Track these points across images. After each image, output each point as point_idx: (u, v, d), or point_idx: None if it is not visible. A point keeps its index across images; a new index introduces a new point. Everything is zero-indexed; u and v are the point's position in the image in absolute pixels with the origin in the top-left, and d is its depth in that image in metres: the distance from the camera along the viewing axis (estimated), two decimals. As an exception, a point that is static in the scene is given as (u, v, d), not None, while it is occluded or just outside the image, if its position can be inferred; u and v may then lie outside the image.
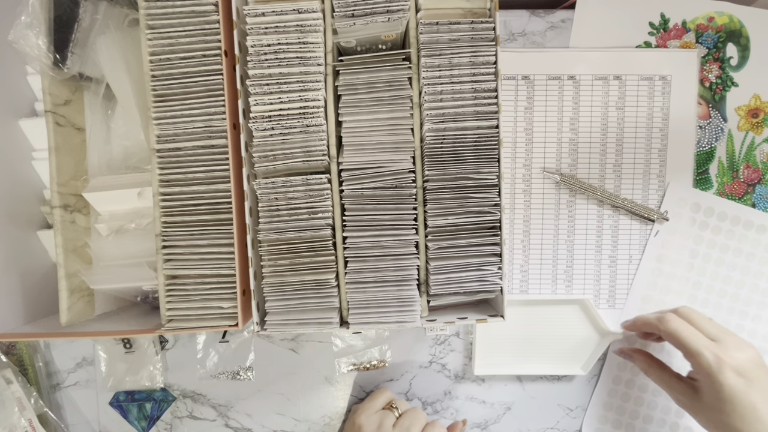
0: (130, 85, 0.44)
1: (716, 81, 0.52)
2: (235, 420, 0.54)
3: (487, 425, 0.55)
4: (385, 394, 0.49)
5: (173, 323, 0.41)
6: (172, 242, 0.41)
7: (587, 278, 0.54)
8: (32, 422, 0.50)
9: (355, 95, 0.40)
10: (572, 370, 0.53)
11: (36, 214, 0.49)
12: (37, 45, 0.43)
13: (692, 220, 0.53)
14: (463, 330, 0.54)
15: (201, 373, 0.54)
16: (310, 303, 0.41)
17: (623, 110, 0.53)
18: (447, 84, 0.40)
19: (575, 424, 0.55)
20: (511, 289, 0.54)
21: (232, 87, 0.40)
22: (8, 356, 0.52)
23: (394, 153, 0.40)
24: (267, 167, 0.40)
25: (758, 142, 0.53)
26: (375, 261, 0.40)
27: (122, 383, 0.53)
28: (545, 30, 0.53)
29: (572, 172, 0.53)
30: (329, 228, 0.41)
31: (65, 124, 0.46)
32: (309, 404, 0.54)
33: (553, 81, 0.52)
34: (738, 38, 0.52)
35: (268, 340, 0.54)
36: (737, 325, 0.53)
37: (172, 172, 0.41)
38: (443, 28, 0.40)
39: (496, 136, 0.40)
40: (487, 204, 0.40)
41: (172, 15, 0.40)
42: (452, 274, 0.41)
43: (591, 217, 0.53)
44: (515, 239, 0.54)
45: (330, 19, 0.40)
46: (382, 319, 0.41)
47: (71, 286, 0.45)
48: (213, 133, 0.40)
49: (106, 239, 0.47)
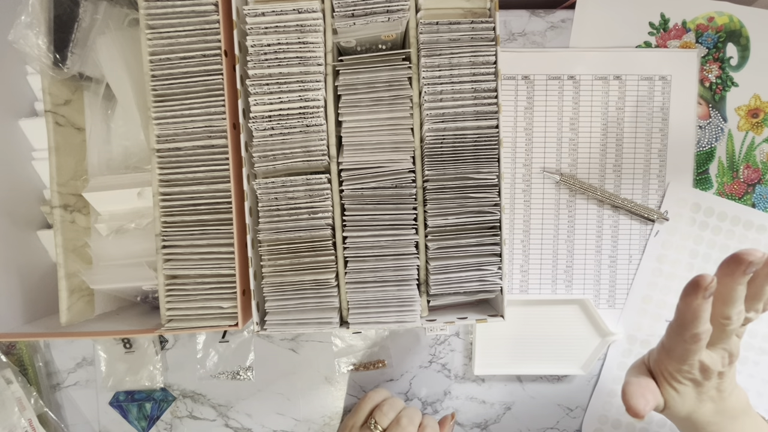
0: (130, 85, 0.44)
1: (716, 81, 0.52)
2: (235, 420, 0.54)
3: (487, 425, 0.55)
4: (366, 404, 0.47)
5: (173, 323, 0.41)
6: (172, 242, 0.41)
7: (587, 278, 0.54)
8: (32, 422, 0.50)
9: (354, 95, 0.40)
10: (572, 370, 0.53)
11: (36, 214, 0.49)
12: (37, 45, 0.43)
13: (692, 220, 0.53)
14: (463, 330, 0.54)
15: (201, 373, 0.54)
16: (309, 303, 0.41)
17: (623, 110, 0.53)
18: (447, 84, 0.40)
19: (575, 424, 0.55)
20: (511, 289, 0.54)
21: (232, 87, 0.40)
22: (8, 356, 0.52)
23: (394, 153, 0.40)
24: (267, 167, 0.40)
25: (758, 142, 0.53)
26: (375, 261, 0.40)
27: (122, 383, 0.53)
28: (545, 30, 0.53)
29: (572, 172, 0.53)
30: (329, 228, 0.41)
31: (65, 124, 0.46)
32: (309, 404, 0.54)
33: (553, 81, 0.52)
34: (738, 38, 0.52)
35: (268, 340, 0.54)
36: (737, 325, 0.53)
37: (172, 172, 0.41)
38: (443, 28, 0.40)
39: (496, 136, 0.40)
40: (487, 204, 0.40)
41: (172, 15, 0.40)
42: (452, 274, 0.41)
43: (591, 217, 0.53)
44: (515, 239, 0.54)
45: (330, 19, 0.40)
46: (382, 319, 0.41)
47: (71, 286, 0.45)
48: (213, 133, 0.40)
49: (106, 239, 0.47)
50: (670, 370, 0.38)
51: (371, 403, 0.47)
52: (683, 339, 0.36)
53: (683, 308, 0.35)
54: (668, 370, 0.38)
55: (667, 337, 0.38)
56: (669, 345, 0.38)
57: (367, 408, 0.46)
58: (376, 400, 0.47)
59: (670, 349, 0.38)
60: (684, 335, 0.35)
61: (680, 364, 0.37)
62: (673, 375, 0.38)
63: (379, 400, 0.47)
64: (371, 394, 0.48)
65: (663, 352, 0.39)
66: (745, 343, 0.53)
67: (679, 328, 0.36)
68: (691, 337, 0.35)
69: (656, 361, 0.40)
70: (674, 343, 0.37)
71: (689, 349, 0.36)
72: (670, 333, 0.38)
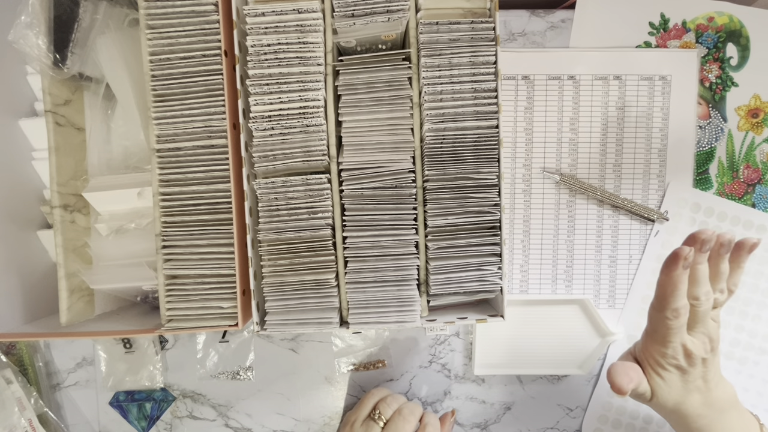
0: (130, 85, 0.44)
1: (716, 81, 0.52)
2: (235, 420, 0.54)
3: (487, 425, 0.55)
4: (370, 400, 0.48)
5: (173, 323, 0.41)
6: (172, 242, 0.41)
7: (587, 278, 0.54)
8: (32, 422, 0.50)
9: (354, 95, 0.40)
10: (572, 370, 0.53)
11: (36, 214, 0.49)
12: (37, 45, 0.43)
13: (692, 220, 0.53)
14: (463, 330, 0.54)
15: (201, 373, 0.54)
16: (309, 303, 0.41)
17: (623, 110, 0.53)
18: (447, 84, 0.40)
19: (575, 424, 0.55)
20: (511, 289, 0.54)
21: (232, 87, 0.40)
22: (8, 356, 0.52)
23: (394, 153, 0.40)
24: (267, 167, 0.40)
25: (758, 142, 0.53)
26: (375, 261, 0.40)
27: (122, 383, 0.53)
28: (545, 30, 0.53)
29: (572, 172, 0.53)
30: (329, 228, 0.41)
31: (65, 124, 0.46)
32: (309, 404, 0.54)
33: (553, 81, 0.52)
34: (738, 38, 0.52)
35: (268, 340, 0.54)
36: (737, 325, 0.53)
37: (172, 172, 0.41)
38: (443, 28, 0.40)
39: (496, 136, 0.40)
40: (487, 204, 0.40)
41: (172, 15, 0.40)
42: (452, 274, 0.41)
43: (591, 217, 0.53)
44: (515, 239, 0.54)
45: (330, 19, 0.40)
46: (382, 319, 0.41)
47: (71, 286, 0.45)
48: (213, 133, 0.40)
49: (106, 239, 0.47)
50: (655, 355, 0.40)
51: (374, 398, 0.48)
52: (664, 316, 0.38)
53: (664, 281, 0.37)
54: (653, 357, 0.40)
55: (649, 320, 0.40)
56: (651, 327, 0.40)
57: (370, 403, 0.47)
58: (379, 396, 0.48)
59: (652, 331, 0.40)
60: (665, 311, 0.38)
61: (663, 347, 0.39)
62: (658, 361, 0.40)
63: (382, 396, 0.48)
64: (374, 390, 0.49)
65: (647, 337, 0.41)
66: (745, 343, 0.53)
67: (659, 305, 0.38)
68: (672, 312, 0.37)
69: (641, 348, 0.41)
70: (656, 323, 0.39)
71: (671, 327, 0.38)
72: (651, 313, 0.40)
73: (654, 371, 0.40)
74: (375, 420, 0.45)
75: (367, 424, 0.45)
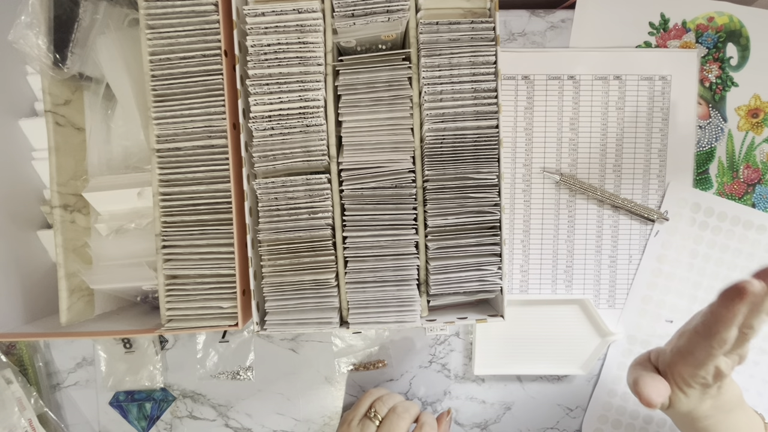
0: (130, 85, 0.44)
1: (716, 81, 0.52)
2: (235, 420, 0.54)
3: (487, 425, 0.55)
4: (367, 399, 0.48)
5: (173, 323, 0.41)
6: (172, 242, 0.41)
7: (587, 278, 0.54)
8: (32, 422, 0.50)
9: (354, 95, 0.40)
10: (572, 370, 0.53)
11: (36, 214, 0.49)
12: (37, 45, 0.43)
13: (692, 220, 0.53)
14: (463, 330, 0.54)
15: (201, 373, 0.54)
16: (309, 303, 0.41)
17: (623, 110, 0.53)
18: (447, 84, 0.40)
19: (575, 424, 0.55)
20: (511, 289, 0.54)
21: (232, 87, 0.40)
22: (8, 356, 0.52)
23: (393, 153, 0.40)
24: (267, 167, 0.40)
25: (758, 142, 0.53)
26: (375, 261, 0.40)
27: (122, 383, 0.54)
28: (545, 30, 0.53)
29: (572, 172, 0.53)
30: (329, 228, 0.41)
31: (65, 124, 0.46)
32: (309, 404, 0.54)
33: (553, 81, 0.52)
34: (738, 38, 0.52)
35: (268, 340, 0.54)
36: (737, 325, 0.53)
37: (172, 172, 0.41)
38: (443, 28, 0.39)
39: (496, 136, 0.40)
40: (487, 204, 0.40)
41: (172, 15, 0.40)
42: (452, 274, 0.41)
43: (591, 217, 0.53)
44: (515, 239, 0.54)
45: (330, 19, 0.40)
46: (382, 319, 0.41)
47: (71, 286, 0.45)
48: (213, 133, 0.40)
49: (106, 239, 0.47)
50: (684, 375, 0.38)
51: (371, 398, 0.48)
52: (709, 344, 0.35)
53: (721, 313, 0.34)
54: (682, 375, 0.38)
55: (688, 342, 0.38)
56: (688, 349, 0.37)
57: (367, 402, 0.47)
58: (377, 395, 0.48)
59: (688, 353, 0.37)
60: (711, 339, 0.35)
61: (697, 369, 0.37)
62: (686, 380, 0.38)
63: (379, 395, 0.48)
64: (372, 390, 0.49)
65: (678, 356, 0.38)
66: (745, 343, 0.53)
67: (707, 332, 0.35)
68: (719, 341, 0.35)
69: (669, 364, 0.39)
70: (696, 348, 0.37)
71: (712, 354, 0.35)
72: (693, 338, 0.37)
73: (678, 387, 0.39)
74: (371, 418, 0.45)
75: (364, 422, 0.45)
